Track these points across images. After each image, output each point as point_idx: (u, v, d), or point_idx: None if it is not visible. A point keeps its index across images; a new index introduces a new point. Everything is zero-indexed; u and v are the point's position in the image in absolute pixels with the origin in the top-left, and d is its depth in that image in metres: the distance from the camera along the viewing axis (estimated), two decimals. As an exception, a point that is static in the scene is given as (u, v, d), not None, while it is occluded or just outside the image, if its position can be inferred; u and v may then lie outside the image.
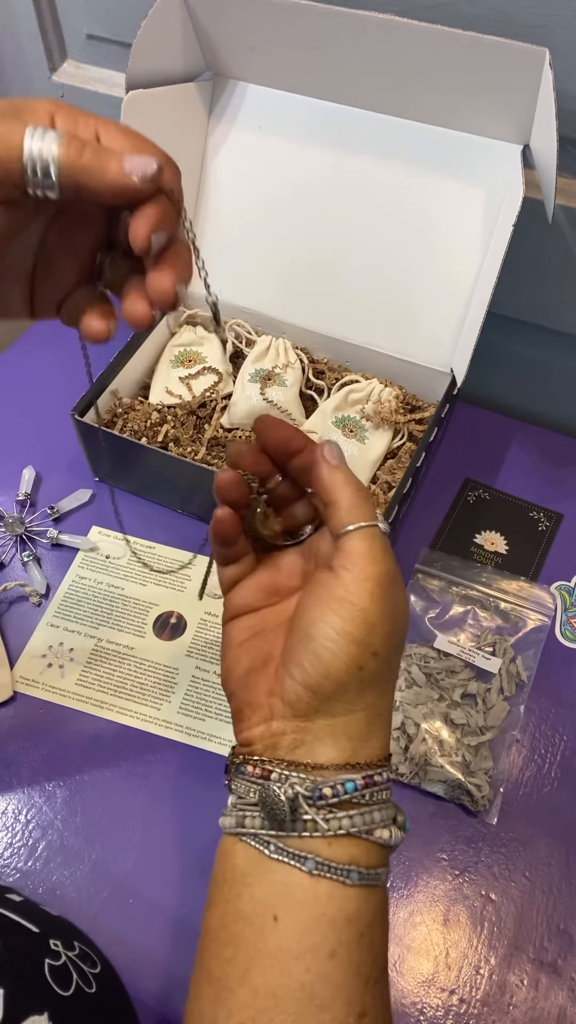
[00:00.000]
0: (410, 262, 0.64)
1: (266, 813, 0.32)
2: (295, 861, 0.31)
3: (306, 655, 0.33)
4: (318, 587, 0.34)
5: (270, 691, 0.34)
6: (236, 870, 0.32)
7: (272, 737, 0.33)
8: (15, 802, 0.54)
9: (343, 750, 0.32)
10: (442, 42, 0.52)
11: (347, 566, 0.33)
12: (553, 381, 0.76)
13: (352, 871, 0.31)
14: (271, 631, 0.37)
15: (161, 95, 0.62)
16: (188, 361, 0.71)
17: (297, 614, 0.35)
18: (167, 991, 0.48)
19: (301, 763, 0.32)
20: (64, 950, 0.35)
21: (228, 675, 0.37)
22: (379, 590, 0.32)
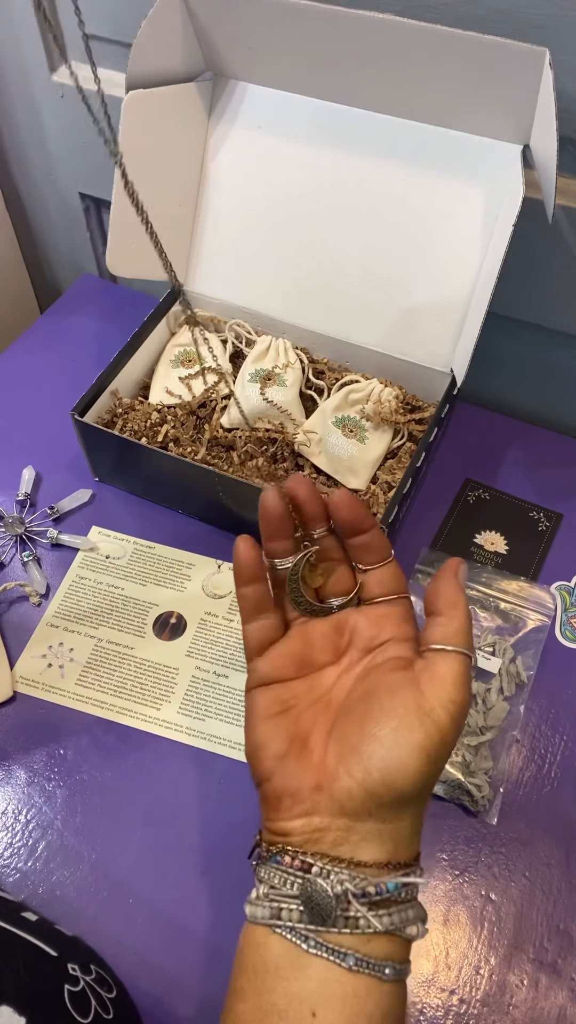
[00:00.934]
0: (410, 262, 0.64)
1: (309, 908, 0.31)
2: (334, 957, 0.31)
3: (374, 760, 0.32)
4: (395, 691, 0.33)
5: (317, 785, 0.33)
6: (268, 963, 0.32)
7: (313, 832, 0.33)
8: (15, 802, 0.54)
9: (387, 852, 0.32)
10: (442, 42, 0.52)
11: (435, 683, 0.33)
12: (553, 381, 0.76)
13: (388, 966, 0.31)
14: (304, 710, 0.36)
15: (161, 95, 0.62)
16: (188, 361, 0.71)
17: (363, 711, 0.34)
18: (167, 991, 0.48)
19: (343, 859, 0.32)
20: (82, 975, 0.35)
21: (259, 753, 0.35)
22: (460, 716, 0.33)
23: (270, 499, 0.35)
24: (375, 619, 0.37)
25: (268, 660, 0.37)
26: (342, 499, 0.35)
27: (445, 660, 0.33)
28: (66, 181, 0.84)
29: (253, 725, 0.36)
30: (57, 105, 0.76)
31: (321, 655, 0.37)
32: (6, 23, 0.71)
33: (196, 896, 0.51)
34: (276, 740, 0.34)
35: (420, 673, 0.33)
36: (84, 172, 0.81)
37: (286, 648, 0.37)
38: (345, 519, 0.36)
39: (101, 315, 0.84)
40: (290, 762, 0.34)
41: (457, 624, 0.34)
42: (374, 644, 0.36)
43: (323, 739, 0.34)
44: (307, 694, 0.36)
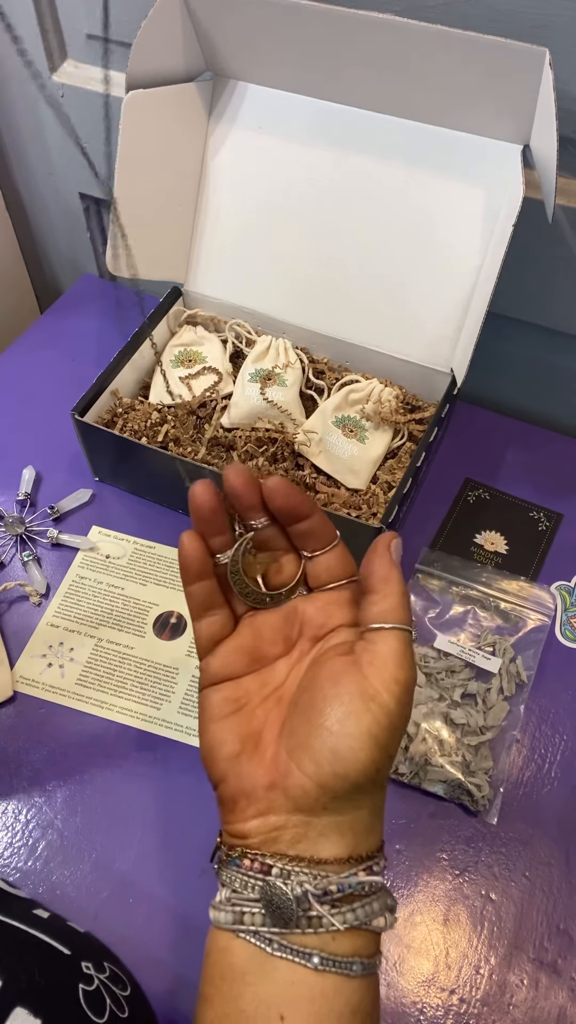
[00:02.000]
0: (410, 262, 0.64)
1: (270, 911, 0.30)
2: (299, 958, 0.30)
3: (323, 752, 0.31)
4: (337, 677, 0.32)
5: (270, 784, 0.32)
6: (235, 968, 0.31)
7: (271, 831, 0.32)
8: (15, 802, 0.54)
9: (347, 845, 0.31)
10: (442, 42, 0.52)
11: (376, 664, 0.32)
12: (553, 381, 0.76)
13: (355, 963, 0.30)
14: (257, 706, 0.35)
15: (161, 95, 0.62)
16: (188, 361, 0.71)
17: (308, 702, 0.33)
18: (168, 990, 0.48)
19: (303, 858, 0.31)
20: (96, 973, 0.34)
21: (212, 755, 0.34)
22: (405, 696, 0.31)
23: (199, 493, 0.34)
24: (323, 606, 0.36)
25: (218, 657, 0.35)
26: (277, 486, 0.34)
27: (384, 639, 0.32)
28: (66, 181, 0.84)
29: (205, 725, 0.35)
30: (57, 105, 0.76)
31: (272, 648, 0.36)
32: (6, 23, 0.71)
33: (196, 895, 0.51)
34: (228, 741, 0.34)
35: (361, 656, 0.32)
36: (84, 172, 0.81)
37: (235, 643, 0.36)
38: (281, 506, 0.34)
39: (101, 315, 0.84)
40: (243, 762, 0.33)
41: (393, 600, 0.33)
42: (323, 632, 0.35)
43: (275, 735, 0.33)
44: (259, 690, 0.35)
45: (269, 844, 0.32)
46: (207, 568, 0.35)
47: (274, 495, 0.34)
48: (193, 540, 0.34)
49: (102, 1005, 0.33)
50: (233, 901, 0.32)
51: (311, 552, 0.36)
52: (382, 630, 0.33)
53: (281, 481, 0.34)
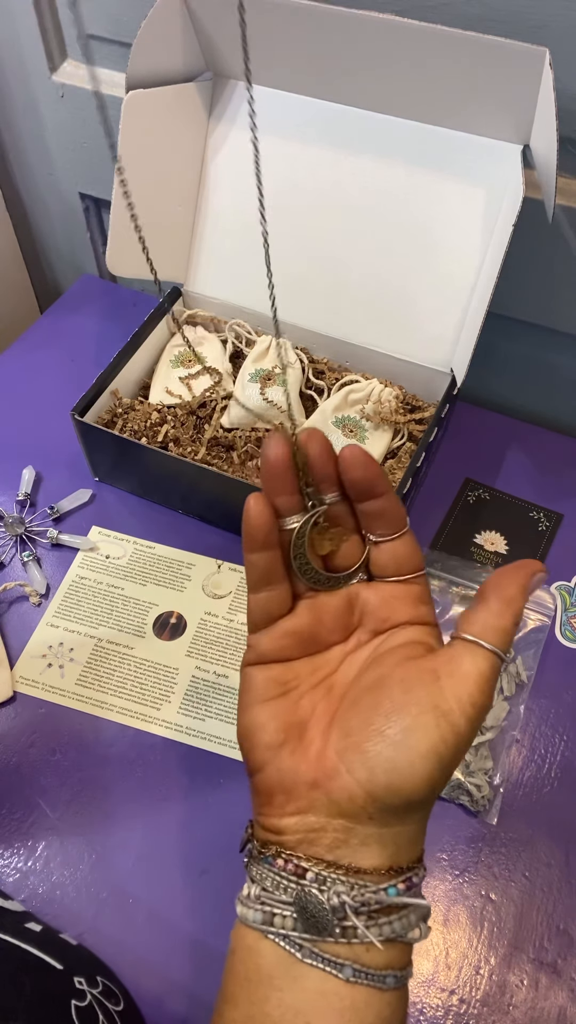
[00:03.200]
0: (410, 262, 0.64)
1: (303, 917, 0.29)
2: (331, 967, 0.29)
3: (380, 760, 0.29)
4: (411, 684, 0.30)
5: (313, 782, 0.30)
6: (262, 970, 0.30)
7: (308, 832, 0.30)
8: (15, 802, 0.54)
9: (388, 856, 0.30)
10: (442, 42, 0.52)
11: (456, 679, 0.29)
12: (553, 381, 0.76)
13: (389, 975, 0.29)
14: (305, 694, 0.32)
15: (161, 95, 0.62)
16: (188, 361, 0.71)
17: (372, 704, 0.30)
18: (167, 991, 0.48)
19: (341, 865, 0.29)
20: (89, 988, 0.34)
21: (251, 739, 0.31)
22: (478, 721, 0.29)
23: (273, 448, 0.30)
24: (387, 599, 0.33)
25: (271, 636, 0.33)
26: (355, 456, 0.31)
27: (474, 656, 0.30)
28: (66, 181, 0.84)
29: (247, 706, 0.32)
30: (57, 105, 0.76)
31: (330, 634, 0.33)
32: (6, 23, 0.71)
33: (196, 896, 0.51)
34: (271, 727, 0.31)
35: (442, 667, 0.30)
36: (84, 172, 0.81)
37: (292, 624, 0.33)
38: (357, 479, 0.31)
39: (101, 315, 0.84)
40: (285, 753, 0.31)
41: (504, 622, 0.30)
42: (385, 626, 0.33)
43: (323, 729, 0.31)
44: (309, 676, 0.33)
45: (306, 845, 0.30)
46: (272, 537, 0.31)
47: (352, 465, 0.31)
48: (260, 504, 0.31)
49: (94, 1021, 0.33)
50: (263, 900, 0.30)
51: (379, 536, 0.33)
52: (476, 646, 0.30)
53: (360, 450, 0.31)
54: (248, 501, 0.31)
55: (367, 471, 0.31)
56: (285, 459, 0.31)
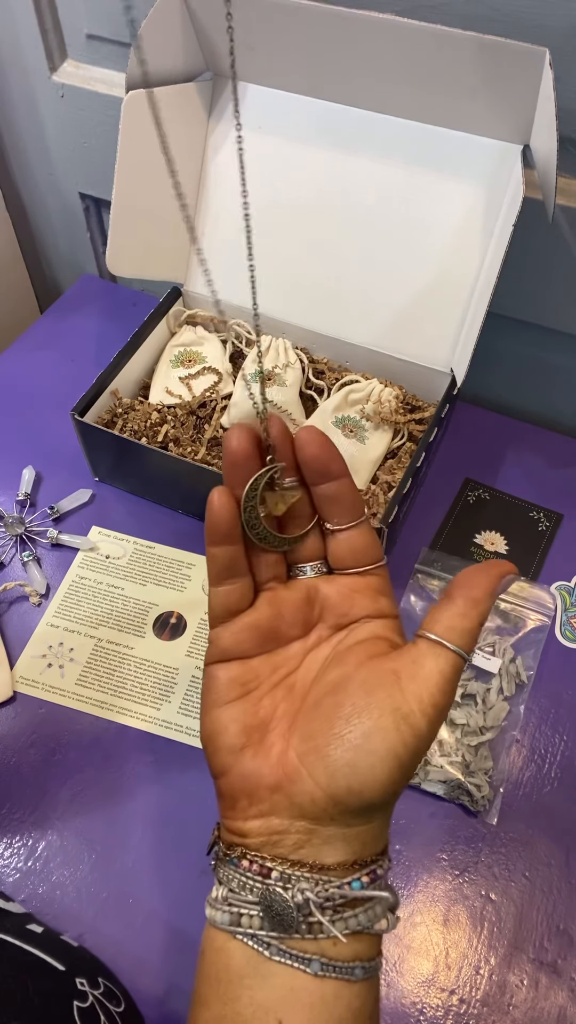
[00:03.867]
0: (410, 262, 0.64)
1: (269, 916, 0.29)
2: (299, 963, 0.29)
3: (340, 764, 0.29)
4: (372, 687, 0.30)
5: (275, 785, 0.30)
6: (231, 970, 0.30)
7: (272, 834, 0.30)
8: (15, 802, 0.54)
9: (352, 852, 0.30)
10: (442, 42, 0.52)
11: (418, 681, 0.29)
12: (553, 381, 0.76)
13: (357, 967, 0.29)
14: (265, 693, 0.32)
15: (161, 95, 0.62)
16: (188, 361, 0.71)
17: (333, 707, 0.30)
18: (167, 991, 0.48)
19: (305, 863, 0.30)
20: (90, 989, 0.34)
21: (213, 743, 0.32)
22: (438, 722, 0.29)
23: (235, 439, 0.30)
24: (346, 593, 0.33)
25: (232, 631, 0.32)
26: (310, 436, 0.31)
27: (437, 657, 0.30)
28: (66, 181, 0.84)
29: (209, 708, 0.32)
30: (57, 105, 0.76)
31: (290, 628, 0.33)
32: (6, 23, 0.71)
33: (196, 896, 0.51)
34: (232, 730, 0.31)
35: (403, 668, 0.30)
36: (84, 172, 0.81)
37: (252, 618, 0.32)
38: (312, 457, 0.31)
39: (101, 315, 0.84)
40: (247, 757, 0.31)
41: (468, 623, 0.30)
42: (345, 621, 0.33)
43: (284, 731, 0.31)
44: (269, 675, 0.33)
45: (270, 847, 0.30)
46: (235, 530, 0.31)
47: (307, 443, 0.31)
48: (224, 497, 0.31)
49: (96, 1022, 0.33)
50: (230, 901, 0.30)
51: (335, 525, 0.33)
52: (439, 646, 0.30)
53: (315, 430, 0.31)
54: (211, 494, 0.31)
55: (322, 450, 0.31)
56: (245, 450, 0.31)
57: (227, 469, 0.31)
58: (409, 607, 0.63)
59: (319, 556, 0.34)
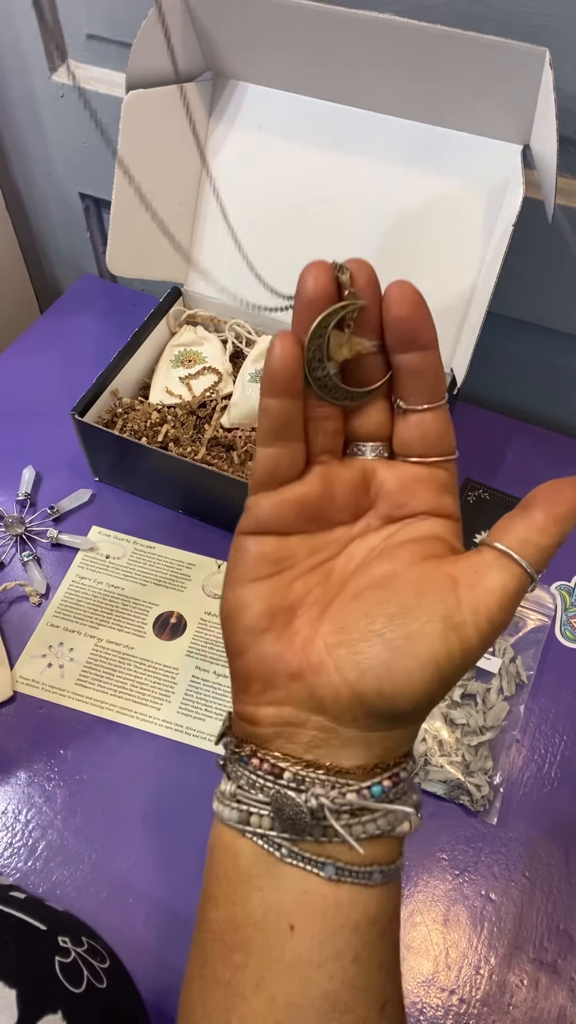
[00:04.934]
0: (410, 262, 0.64)
1: (280, 819, 0.27)
2: (312, 866, 0.27)
3: (375, 663, 0.26)
4: (425, 587, 0.27)
5: (296, 673, 0.27)
6: (241, 870, 0.28)
7: (285, 726, 0.27)
8: (15, 802, 0.54)
9: (373, 755, 0.27)
10: (442, 42, 0.52)
11: (478, 591, 0.26)
12: (553, 381, 0.76)
13: (375, 872, 0.27)
14: (300, 576, 0.29)
15: (161, 95, 0.62)
16: (188, 361, 0.71)
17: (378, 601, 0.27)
18: (167, 991, 0.48)
19: (321, 765, 0.27)
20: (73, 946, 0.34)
21: (233, 620, 0.29)
22: (491, 639, 0.26)
23: (312, 276, 0.27)
24: (407, 482, 0.29)
25: (274, 500, 0.28)
26: (404, 292, 0.26)
27: (502, 570, 0.27)
28: (66, 181, 0.84)
29: (234, 582, 0.29)
30: (57, 105, 0.76)
31: (338, 511, 0.29)
32: (6, 23, 0.71)
33: (196, 896, 0.51)
34: (256, 609, 0.28)
35: (463, 575, 0.27)
36: (84, 172, 0.81)
37: (300, 491, 0.29)
38: (402, 316, 0.27)
39: (101, 315, 0.84)
40: (268, 640, 0.28)
41: (547, 540, 0.27)
42: (401, 513, 0.29)
43: (314, 618, 0.28)
44: (307, 557, 0.29)
45: (282, 741, 0.28)
46: (297, 383, 0.27)
47: (398, 301, 0.27)
48: (288, 341, 0.27)
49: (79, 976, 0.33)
50: (239, 798, 0.28)
51: (410, 404, 0.28)
52: (508, 558, 0.27)
53: (409, 286, 0.27)
54: (274, 338, 0.27)
55: (415, 311, 0.27)
56: (324, 288, 0.26)
57: (299, 311, 0.27)
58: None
59: (383, 436, 0.30)
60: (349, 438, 0.30)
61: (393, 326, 0.27)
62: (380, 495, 0.29)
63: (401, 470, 0.29)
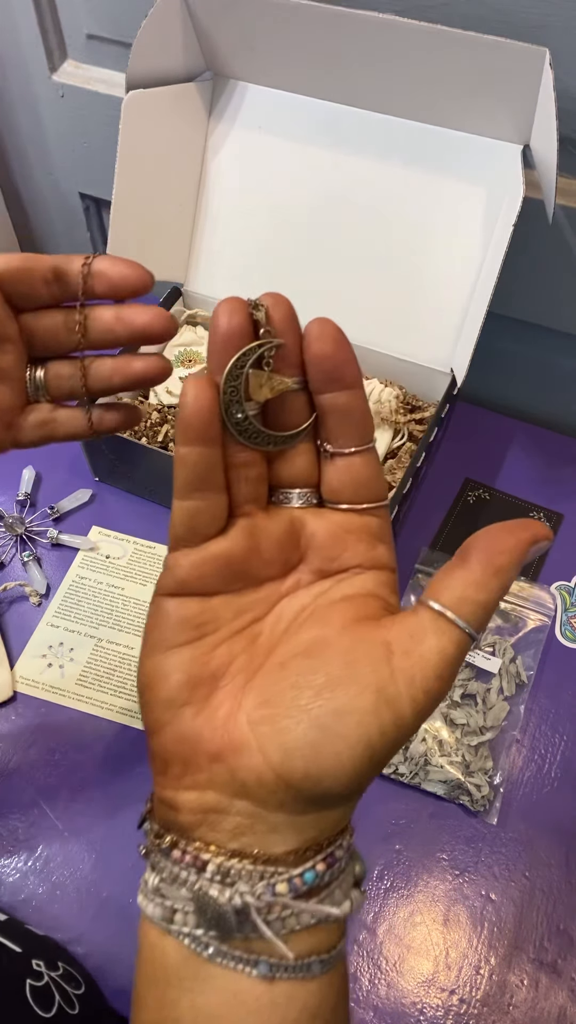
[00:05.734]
0: (410, 262, 0.64)
1: (204, 919, 0.24)
2: (243, 965, 0.24)
3: (300, 743, 0.24)
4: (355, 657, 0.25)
5: (216, 754, 0.25)
6: (168, 970, 0.25)
7: (207, 813, 0.25)
8: (15, 802, 0.54)
9: (304, 840, 0.25)
10: (442, 42, 0.52)
11: (413, 660, 0.24)
12: (553, 381, 0.76)
13: (313, 963, 0.25)
14: (223, 640, 0.26)
15: (161, 95, 0.62)
16: (188, 361, 0.71)
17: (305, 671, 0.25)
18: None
19: (247, 854, 0.24)
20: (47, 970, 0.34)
21: (150, 692, 0.26)
22: (428, 711, 0.24)
23: (226, 314, 0.24)
24: (338, 533, 0.27)
25: (195, 558, 0.26)
26: (324, 328, 0.25)
27: (439, 634, 0.24)
28: (66, 181, 0.84)
29: (152, 649, 0.26)
30: (57, 105, 0.76)
31: (266, 567, 0.27)
32: (6, 23, 0.71)
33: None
34: (175, 681, 0.26)
35: (396, 639, 0.25)
36: (84, 172, 0.81)
37: (222, 547, 0.26)
38: (323, 355, 0.25)
39: (101, 315, 0.84)
40: (187, 715, 0.25)
41: (486, 596, 0.25)
42: (333, 567, 0.27)
43: (237, 689, 0.26)
44: (232, 619, 0.27)
45: (205, 828, 0.25)
46: (213, 429, 0.25)
47: (319, 337, 0.25)
48: (202, 386, 0.24)
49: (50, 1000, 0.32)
50: (163, 892, 0.25)
51: (337, 446, 0.26)
52: (444, 619, 0.24)
53: (330, 323, 0.25)
54: (186, 382, 0.25)
55: (337, 349, 0.25)
56: (240, 327, 0.24)
57: (213, 351, 0.25)
58: (409, 607, 0.63)
59: (310, 482, 0.28)
60: (274, 484, 0.28)
61: (315, 364, 0.25)
62: (310, 548, 0.28)
63: (331, 520, 0.27)
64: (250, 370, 0.25)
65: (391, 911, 0.51)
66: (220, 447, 0.26)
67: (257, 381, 0.25)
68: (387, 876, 0.52)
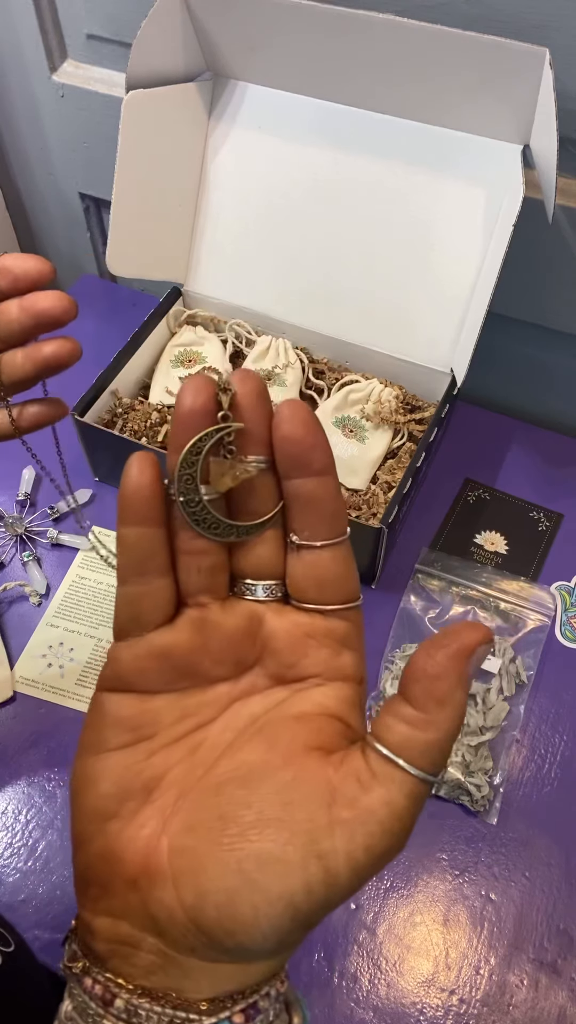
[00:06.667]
0: (410, 262, 0.64)
1: None
2: None
3: (215, 888, 0.21)
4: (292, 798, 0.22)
5: (131, 880, 0.22)
6: None
7: (120, 944, 0.22)
8: (15, 802, 0.54)
9: (222, 989, 0.22)
10: (442, 42, 0.52)
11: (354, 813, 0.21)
12: (553, 381, 0.76)
13: None
14: (161, 747, 0.24)
15: (161, 95, 0.62)
16: (188, 361, 0.71)
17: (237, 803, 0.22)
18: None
19: (160, 996, 0.22)
20: None
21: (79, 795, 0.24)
22: (369, 872, 0.21)
23: (191, 391, 0.22)
24: (299, 636, 0.24)
25: (136, 652, 0.24)
26: (292, 410, 0.22)
27: (388, 782, 0.21)
28: (66, 181, 0.84)
29: (84, 751, 0.25)
30: (57, 105, 0.76)
31: (216, 666, 0.24)
32: (6, 23, 0.71)
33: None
34: (103, 790, 0.23)
35: (342, 783, 0.22)
36: (84, 172, 0.81)
37: (166, 641, 0.24)
38: (290, 438, 0.22)
39: (101, 315, 0.84)
40: (112, 830, 0.23)
41: (435, 734, 0.22)
42: (290, 675, 0.24)
43: (167, 805, 0.23)
44: (174, 723, 0.24)
45: (118, 960, 0.22)
46: (156, 508, 0.23)
47: (288, 419, 0.22)
48: (144, 463, 0.23)
49: None
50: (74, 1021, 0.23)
51: (304, 538, 0.24)
52: (394, 766, 0.21)
53: (299, 404, 0.23)
54: (130, 459, 0.23)
55: (306, 432, 0.22)
56: (204, 409, 0.22)
57: (173, 430, 0.23)
58: (409, 607, 0.63)
59: (276, 574, 0.25)
60: (237, 574, 0.25)
61: (281, 447, 0.23)
62: (268, 649, 0.24)
63: (292, 620, 0.24)
64: (211, 458, 0.23)
65: (391, 911, 0.51)
66: (163, 528, 0.24)
67: (219, 470, 0.23)
68: (387, 876, 0.52)
